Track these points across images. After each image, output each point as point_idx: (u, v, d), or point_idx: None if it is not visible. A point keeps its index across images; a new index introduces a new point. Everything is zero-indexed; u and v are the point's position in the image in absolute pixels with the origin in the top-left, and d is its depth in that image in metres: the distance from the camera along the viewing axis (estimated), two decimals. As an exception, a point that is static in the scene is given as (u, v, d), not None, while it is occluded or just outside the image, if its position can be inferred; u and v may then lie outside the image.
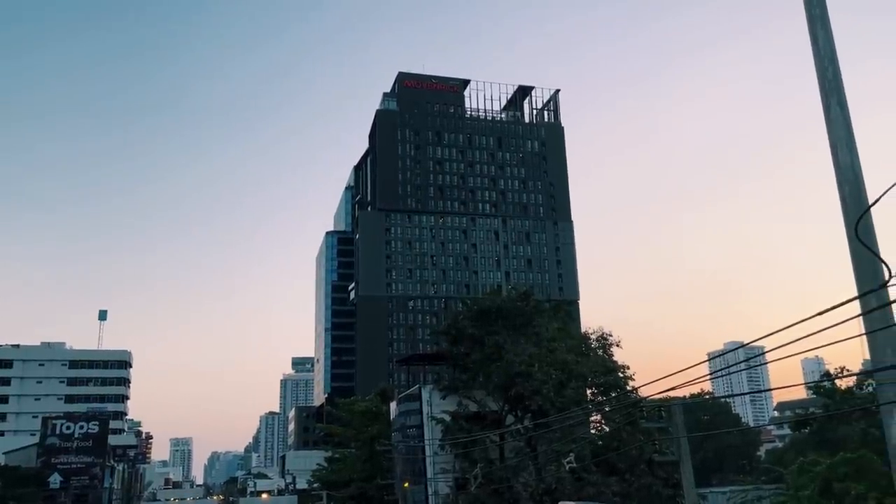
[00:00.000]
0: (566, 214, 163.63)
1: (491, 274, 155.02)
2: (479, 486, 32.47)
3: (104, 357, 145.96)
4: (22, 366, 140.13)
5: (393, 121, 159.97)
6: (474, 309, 39.50)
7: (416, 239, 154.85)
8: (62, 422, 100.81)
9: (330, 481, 64.23)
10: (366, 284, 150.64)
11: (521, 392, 33.26)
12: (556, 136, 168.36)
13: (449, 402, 40.41)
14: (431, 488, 40.29)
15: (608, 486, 28.44)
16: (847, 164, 7.57)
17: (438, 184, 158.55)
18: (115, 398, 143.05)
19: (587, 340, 36.78)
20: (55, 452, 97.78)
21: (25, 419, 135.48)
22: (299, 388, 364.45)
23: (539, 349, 34.31)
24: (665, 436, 25.86)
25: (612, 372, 33.88)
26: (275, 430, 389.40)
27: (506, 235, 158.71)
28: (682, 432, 19.12)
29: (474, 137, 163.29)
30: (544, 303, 43.53)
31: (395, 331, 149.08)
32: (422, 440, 42.50)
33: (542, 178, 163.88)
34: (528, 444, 34.47)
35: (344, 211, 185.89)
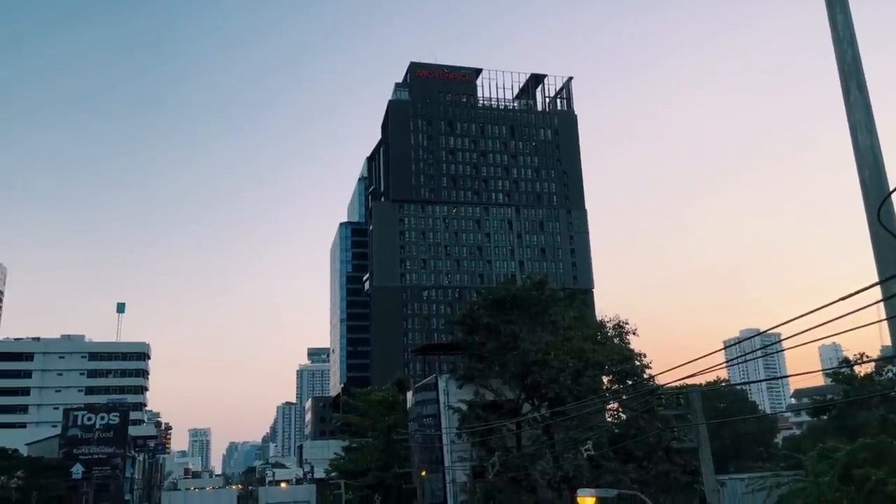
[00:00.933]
0: (580, 203, 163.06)
1: (505, 263, 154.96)
2: (497, 474, 32.66)
3: (123, 349, 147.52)
4: (43, 358, 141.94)
5: (405, 111, 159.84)
6: (489, 298, 39.59)
7: (429, 229, 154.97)
8: (83, 413, 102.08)
9: (348, 470, 64.75)
10: (380, 275, 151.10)
11: (537, 380, 33.35)
12: (569, 125, 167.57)
13: (465, 391, 40.59)
14: (449, 476, 40.56)
15: (626, 474, 28.52)
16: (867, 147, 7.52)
17: (451, 173, 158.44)
18: (134, 389, 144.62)
19: (603, 329, 36.80)
20: (77, 443, 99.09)
21: (47, 411, 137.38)
22: (315, 379, 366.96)
23: (555, 338, 34.37)
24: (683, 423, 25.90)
25: (629, 360, 33.88)
26: (292, 420, 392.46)
27: (519, 224, 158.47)
28: (701, 419, 19.14)
29: (487, 126, 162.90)
30: (559, 291, 43.55)
31: (410, 321, 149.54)
32: (438, 429, 42.76)
33: (556, 167, 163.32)
34: (546, 433, 34.59)
35: (357, 202, 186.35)
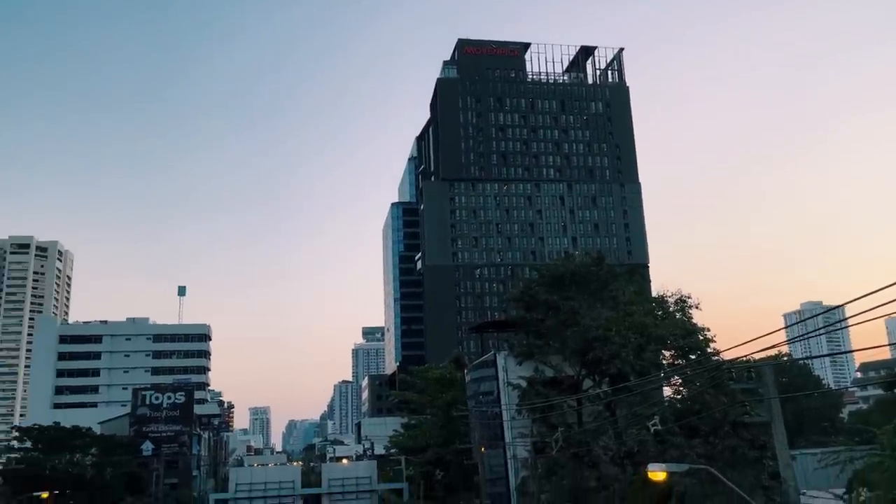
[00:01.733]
0: (633, 176, 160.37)
1: (557, 240, 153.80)
2: (560, 450, 32.68)
3: (185, 331, 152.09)
4: (110, 341, 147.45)
5: (454, 89, 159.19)
6: (547, 275, 39.37)
7: (480, 207, 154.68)
8: (151, 392, 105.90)
9: (407, 447, 65.65)
10: (432, 254, 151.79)
11: (598, 356, 33.10)
12: (621, 97, 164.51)
13: (524, 368, 40.57)
14: (510, 452, 40.77)
15: (692, 449, 28.15)
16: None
17: (501, 150, 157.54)
18: (196, 370, 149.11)
19: (664, 303, 36.25)
20: (146, 422, 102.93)
21: (116, 391, 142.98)
22: (370, 357, 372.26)
23: (615, 313, 34.01)
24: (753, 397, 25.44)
25: (692, 334, 33.31)
26: (348, 398, 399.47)
27: (571, 200, 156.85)
28: (774, 393, 18.75)
29: (537, 101, 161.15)
30: (618, 266, 43.02)
31: (463, 299, 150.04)
32: (498, 406, 42.95)
33: (608, 140, 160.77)
34: (608, 408, 34.40)
35: (408, 182, 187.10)
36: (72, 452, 78.57)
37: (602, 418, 34.55)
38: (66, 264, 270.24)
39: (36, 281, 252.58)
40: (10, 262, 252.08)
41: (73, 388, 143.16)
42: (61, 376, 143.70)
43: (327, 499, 60.44)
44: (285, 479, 58.29)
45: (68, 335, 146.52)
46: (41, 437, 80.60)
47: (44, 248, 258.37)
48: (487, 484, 42.16)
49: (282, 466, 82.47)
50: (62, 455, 76.78)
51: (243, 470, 70.53)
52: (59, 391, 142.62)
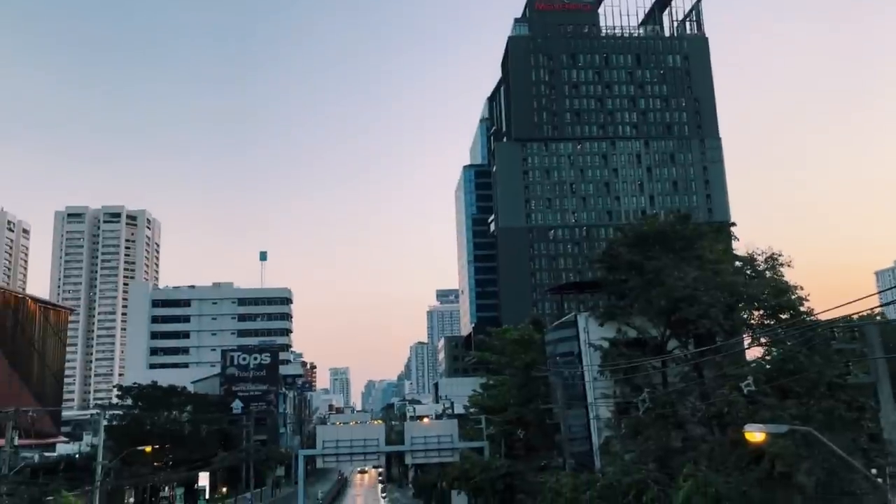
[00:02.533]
0: (713, 131, 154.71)
1: (634, 199, 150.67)
2: (646, 411, 32.47)
3: (268, 295, 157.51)
4: (198, 304, 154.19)
5: (525, 47, 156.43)
6: (630, 234, 38.70)
7: (553, 167, 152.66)
8: (239, 354, 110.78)
9: (486, 406, 66.40)
10: (505, 216, 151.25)
11: (685, 317, 32.46)
12: (700, 49, 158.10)
13: (606, 329, 40.22)
14: (593, 412, 40.77)
15: (785, 410, 27.42)
16: None
17: (575, 108, 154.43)
18: (279, 332, 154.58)
19: (754, 262, 35.13)
20: (235, 381, 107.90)
21: (205, 352, 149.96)
22: (444, 319, 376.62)
23: (703, 272, 33.19)
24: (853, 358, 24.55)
25: (785, 293, 32.23)
26: (424, 358, 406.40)
27: (648, 158, 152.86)
28: (880, 352, 18.06)
29: (611, 57, 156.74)
30: (705, 224, 41.88)
31: (537, 261, 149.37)
32: (578, 367, 42.89)
33: (686, 95, 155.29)
34: (695, 369, 33.84)
35: (480, 143, 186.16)
36: (169, 410, 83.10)
37: (688, 379, 34.02)
38: (154, 231, 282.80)
39: (128, 248, 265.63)
40: (104, 231, 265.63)
41: (166, 349, 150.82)
42: (155, 338, 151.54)
43: (410, 456, 62.02)
44: (370, 437, 60.02)
45: (160, 300, 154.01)
46: (141, 395, 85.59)
47: (133, 217, 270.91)
48: (569, 443, 42.34)
49: (366, 424, 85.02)
50: (160, 412, 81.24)
51: (329, 427, 73.08)
52: (154, 352, 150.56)
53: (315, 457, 63.87)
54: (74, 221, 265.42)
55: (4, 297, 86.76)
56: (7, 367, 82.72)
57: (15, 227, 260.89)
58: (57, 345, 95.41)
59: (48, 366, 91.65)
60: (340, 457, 59.46)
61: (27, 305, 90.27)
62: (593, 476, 37.93)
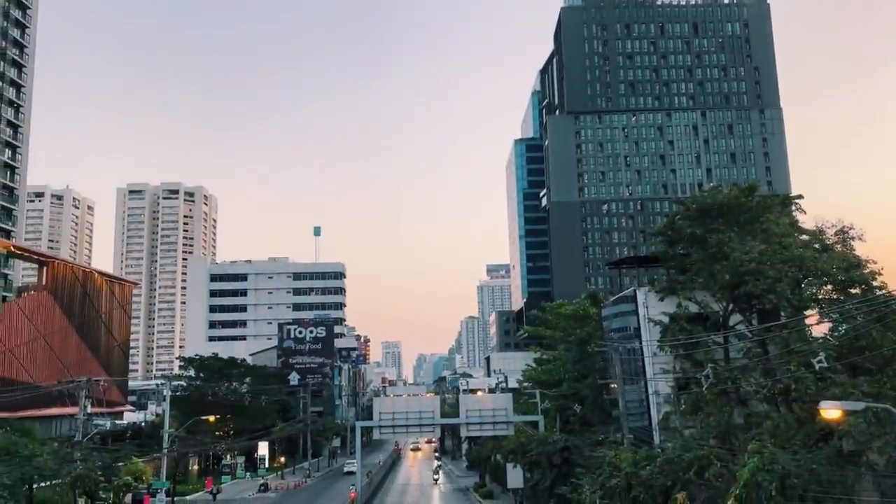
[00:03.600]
0: (774, 101, 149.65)
1: (690, 172, 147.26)
2: (708, 387, 31.96)
3: (322, 269, 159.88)
4: (255, 279, 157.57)
5: (578, 17, 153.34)
6: (693, 208, 37.84)
7: (607, 140, 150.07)
8: (295, 327, 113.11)
9: (540, 381, 66.45)
10: (557, 190, 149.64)
11: (751, 291, 31.66)
12: (761, 15, 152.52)
13: (666, 304, 39.60)
14: (652, 388, 40.38)
15: (857, 387, 26.63)
16: None
17: (629, 80, 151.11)
18: (334, 306, 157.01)
19: (822, 235, 33.98)
20: (291, 354, 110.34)
21: (261, 325, 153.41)
22: (495, 294, 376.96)
23: (769, 245, 32.26)
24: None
25: (856, 267, 31.11)
26: (475, 333, 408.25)
27: (705, 129, 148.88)
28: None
29: (667, 26, 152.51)
30: (771, 197, 40.65)
31: (590, 235, 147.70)
32: (637, 341, 42.44)
33: (746, 64, 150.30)
34: (760, 345, 33.09)
35: (532, 117, 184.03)
36: (229, 381, 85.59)
37: (752, 355, 33.31)
38: (211, 208, 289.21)
39: (186, 224, 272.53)
40: (164, 207, 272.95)
41: (224, 322, 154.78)
42: (213, 312, 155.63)
43: (465, 428, 62.46)
44: (425, 409, 60.57)
45: (218, 274, 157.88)
46: (202, 366, 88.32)
47: (191, 193, 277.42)
48: (627, 419, 42.07)
49: (421, 397, 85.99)
50: (221, 383, 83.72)
51: (386, 399, 74.08)
52: (212, 325, 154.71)
53: (371, 428, 64.91)
54: (135, 198, 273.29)
55: (73, 271, 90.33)
56: (77, 338, 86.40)
57: (80, 204, 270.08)
58: (122, 317, 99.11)
59: (114, 337, 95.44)
60: (396, 428, 60.19)
61: (94, 279, 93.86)
62: (653, 451, 37.63)
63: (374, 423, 60.53)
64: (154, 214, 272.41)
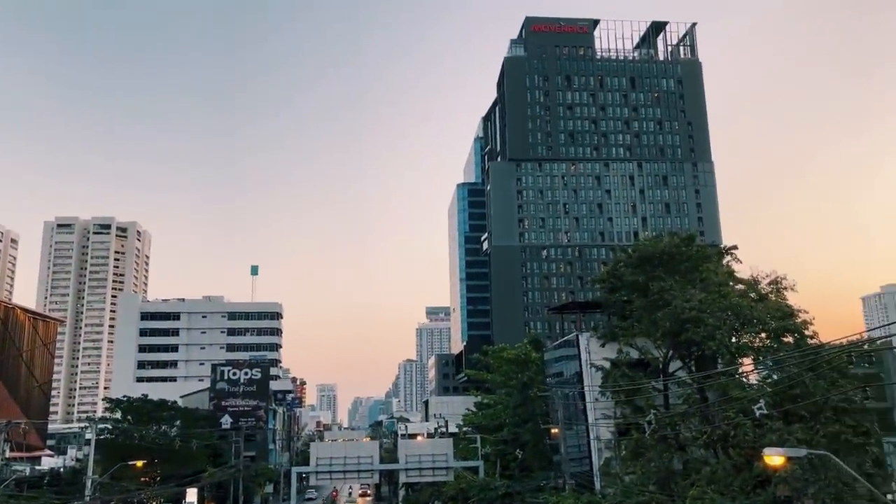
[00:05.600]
0: (706, 155, 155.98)
1: (626, 220, 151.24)
2: (652, 433, 32.33)
3: (258, 309, 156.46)
4: (188, 318, 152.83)
5: (521, 67, 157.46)
6: (634, 255, 38.78)
7: (547, 187, 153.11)
8: (229, 368, 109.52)
9: (481, 425, 66.11)
10: (498, 235, 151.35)
11: (692, 338, 32.46)
12: (694, 73, 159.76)
13: (608, 349, 40.21)
14: (594, 433, 40.60)
15: (791, 434, 27.40)
16: None
17: (569, 129, 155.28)
18: (269, 347, 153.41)
19: (757, 285, 35.27)
20: (224, 396, 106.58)
21: (193, 366, 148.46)
22: (434, 336, 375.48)
23: (709, 294, 33.26)
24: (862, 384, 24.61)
25: (790, 316, 32.33)
26: (413, 376, 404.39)
27: (641, 180, 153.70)
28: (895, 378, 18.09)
29: (606, 79, 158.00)
30: (710, 247, 42.03)
31: (530, 280, 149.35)
32: (578, 386, 42.77)
33: (680, 118, 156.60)
34: (699, 391, 33.80)
35: (474, 162, 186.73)
36: (158, 424, 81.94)
37: (692, 401, 33.97)
38: (144, 244, 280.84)
39: (117, 260, 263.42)
40: (94, 242, 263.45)
41: (154, 362, 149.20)
42: (143, 351, 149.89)
43: (404, 474, 61.42)
44: (364, 455, 59.40)
45: (149, 312, 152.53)
46: (130, 408, 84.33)
47: (124, 229, 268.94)
48: (569, 464, 42.12)
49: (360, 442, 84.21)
50: (149, 426, 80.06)
51: (323, 444, 72.34)
52: (141, 366, 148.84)
53: (309, 473, 63.17)
54: (64, 232, 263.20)
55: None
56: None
57: (3, 237, 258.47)
58: (45, 356, 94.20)
59: (35, 377, 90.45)
60: (334, 474, 58.78)
61: (16, 315, 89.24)
62: (594, 497, 37.74)
63: (311, 468, 58.95)
64: (83, 249, 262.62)
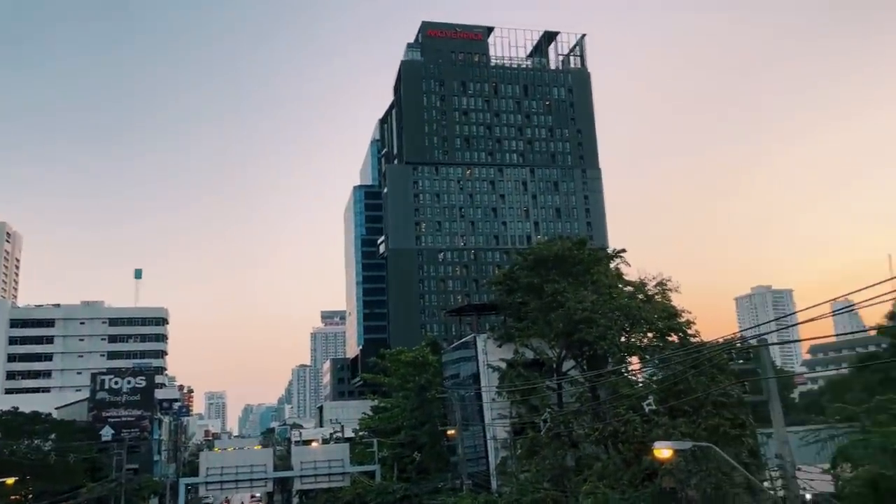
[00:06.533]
0: (594, 162, 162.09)
1: (520, 224, 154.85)
2: (547, 431, 33.22)
3: (142, 314, 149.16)
4: (64, 324, 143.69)
5: (417, 72, 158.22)
6: (530, 258, 39.78)
7: (443, 191, 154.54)
8: (111, 377, 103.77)
9: (378, 429, 65.80)
10: (395, 238, 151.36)
11: (584, 338, 33.65)
12: (583, 82, 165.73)
13: (504, 350, 40.99)
14: (490, 433, 41.26)
15: (676, 427, 28.92)
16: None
17: (465, 134, 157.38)
18: (154, 354, 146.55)
19: (644, 287, 37.01)
20: (105, 406, 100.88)
21: (70, 375, 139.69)
22: (329, 341, 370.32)
23: (600, 296, 34.60)
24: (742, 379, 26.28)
25: (674, 316, 34.15)
26: (306, 381, 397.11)
27: (534, 185, 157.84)
28: (771, 373, 19.45)
29: (500, 86, 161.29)
30: (601, 250, 43.72)
31: (426, 283, 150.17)
32: (476, 388, 43.39)
33: (570, 126, 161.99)
34: (590, 390, 35.05)
35: (371, 165, 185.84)
36: (31, 438, 76.59)
37: (584, 399, 35.19)
38: (15, 246, 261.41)
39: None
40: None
41: (26, 372, 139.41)
42: (12, 361, 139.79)
43: (299, 481, 60.27)
44: (257, 463, 57.86)
45: (20, 319, 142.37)
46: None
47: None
48: (466, 464, 42.61)
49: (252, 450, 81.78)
50: (21, 441, 74.72)
51: (213, 454, 69.79)
52: (11, 376, 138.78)
53: (199, 485, 60.79)
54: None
55: None
56: None
57: None
58: None
59: None
60: (225, 484, 56.86)
61: None
62: (491, 496, 38.36)
63: (201, 479, 56.81)
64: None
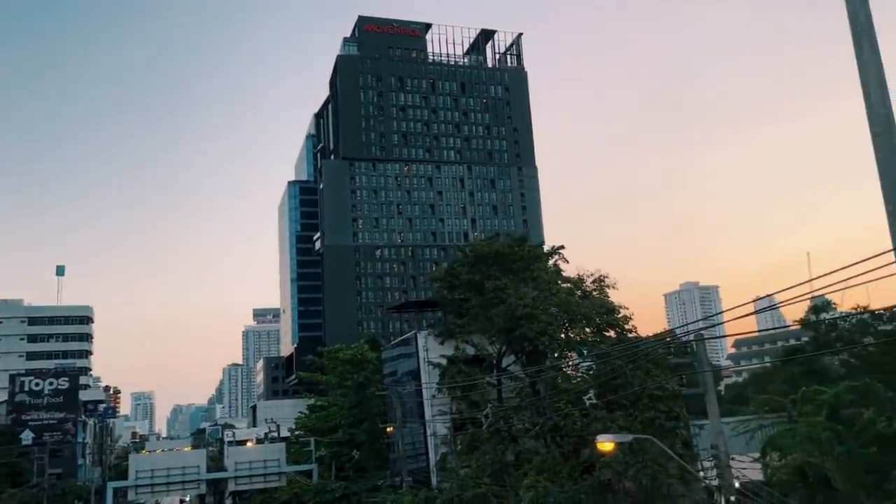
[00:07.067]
0: (530, 160, 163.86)
1: (457, 221, 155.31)
2: (488, 427, 33.41)
3: (65, 313, 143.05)
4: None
5: (354, 66, 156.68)
6: (471, 255, 39.92)
7: (381, 187, 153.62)
8: (30, 378, 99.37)
9: (315, 428, 65.02)
10: (331, 234, 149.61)
11: (525, 334, 33.98)
12: (520, 81, 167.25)
13: (445, 347, 41.07)
14: (430, 429, 41.28)
15: (614, 421, 29.53)
16: (879, 103, 7.62)
17: (402, 131, 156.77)
18: (78, 354, 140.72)
19: (582, 283, 37.61)
20: (25, 409, 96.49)
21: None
22: (262, 339, 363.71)
23: (540, 292, 34.99)
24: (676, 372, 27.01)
25: (612, 312, 34.83)
26: (238, 381, 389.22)
27: (471, 182, 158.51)
28: (707, 366, 20.04)
29: (437, 83, 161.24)
30: (540, 247, 44.22)
31: (363, 279, 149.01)
32: (416, 384, 43.34)
33: (506, 124, 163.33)
34: (531, 385, 35.44)
35: (306, 160, 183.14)
36: (-56, 444, 72.62)
37: (524, 394, 35.56)
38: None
39: None
40: None
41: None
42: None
43: (233, 482, 58.96)
44: (189, 464, 56.27)
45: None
46: None
47: None
48: (406, 461, 42.53)
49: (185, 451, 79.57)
50: (-68, 448, 70.75)
51: (143, 456, 67.60)
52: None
53: (128, 488, 58.75)
54: None
55: None
56: None
57: None
58: None
59: None
60: (156, 487, 55.14)
61: None
62: (432, 493, 38.37)
63: (130, 482, 54.97)
64: None
